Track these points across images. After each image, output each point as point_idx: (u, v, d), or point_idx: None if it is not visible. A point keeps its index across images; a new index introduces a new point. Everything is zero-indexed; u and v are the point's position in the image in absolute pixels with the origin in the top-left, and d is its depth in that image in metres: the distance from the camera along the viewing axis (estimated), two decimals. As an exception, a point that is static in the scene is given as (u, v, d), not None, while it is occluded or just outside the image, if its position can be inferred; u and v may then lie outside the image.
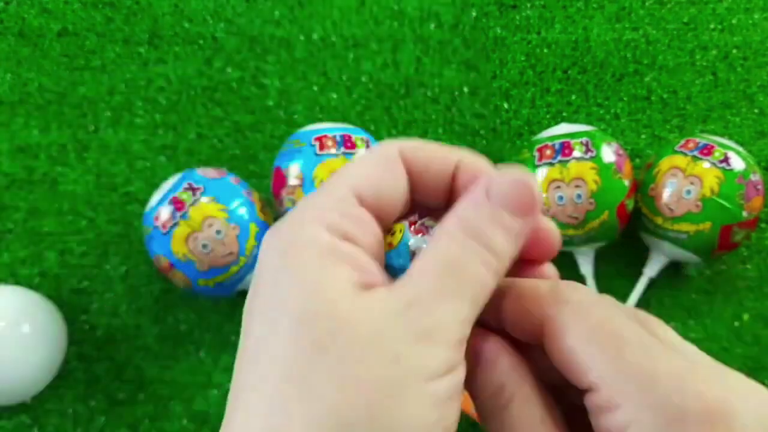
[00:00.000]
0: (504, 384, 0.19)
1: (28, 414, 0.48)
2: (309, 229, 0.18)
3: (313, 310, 0.17)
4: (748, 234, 0.47)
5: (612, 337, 0.17)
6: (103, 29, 0.58)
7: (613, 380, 0.16)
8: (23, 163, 0.54)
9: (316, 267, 0.17)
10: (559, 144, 0.46)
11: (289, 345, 0.17)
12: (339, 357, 0.16)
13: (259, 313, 0.18)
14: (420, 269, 0.18)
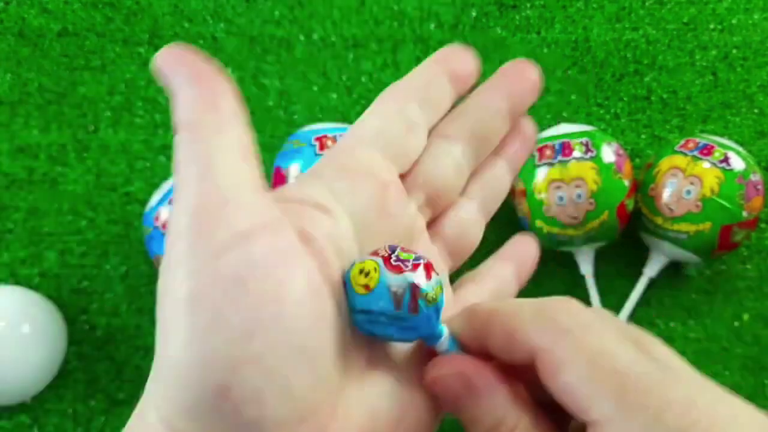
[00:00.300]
0: (504, 417, 0.18)
1: (28, 414, 0.48)
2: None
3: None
4: (748, 234, 0.47)
5: (611, 371, 0.16)
6: (103, 29, 0.58)
7: (617, 417, 0.16)
8: (23, 163, 0.54)
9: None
10: (559, 144, 0.46)
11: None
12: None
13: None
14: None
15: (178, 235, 0.17)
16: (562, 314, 0.18)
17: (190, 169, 0.17)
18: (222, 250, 0.16)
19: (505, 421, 0.17)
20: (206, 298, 0.16)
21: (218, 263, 0.16)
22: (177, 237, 0.17)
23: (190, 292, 0.16)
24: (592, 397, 0.16)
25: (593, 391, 0.16)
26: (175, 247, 0.17)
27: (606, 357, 0.16)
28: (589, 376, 0.16)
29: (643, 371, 0.16)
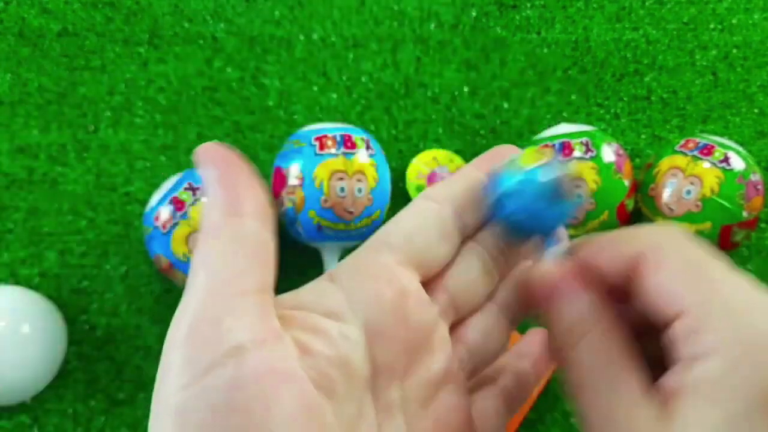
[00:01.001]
0: (578, 321, 0.19)
1: (27, 414, 0.48)
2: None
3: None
4: (749, 234, 0.47)
5: (709, 271, 0.18)
6: (103, 29, 0.58)
7: (705, 306, 0.17)
8: (23, 163, 0.54)
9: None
10: (559, 144, 0.46)
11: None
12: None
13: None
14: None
15: (174, 344, 0.17)
16: (672, 230, 0.19)
17: (200, 275, 0.18)
18: (213, 366, 0.16)
19: (578, 325, 0.19)
20: (193, 414, 0.16)
21: (208, 379, 0.16)
22: (174, 345, 0.17)
23: (178, 405, 0.16)
24: (681, 289, 0.17)
25: (683, 283, 0.17)
26: (171, 356, 0.17)
27: (699, 261, 0.18)
28: (683, 274, 0.18)
29: (731, 277, 0.17)
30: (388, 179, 0.48)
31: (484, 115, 0.56)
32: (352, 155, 0.46)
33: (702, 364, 0.16)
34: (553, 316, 0.20)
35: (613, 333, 0.19)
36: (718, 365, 0.16)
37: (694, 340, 0.17)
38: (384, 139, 0.55)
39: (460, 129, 0.56)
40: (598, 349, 0.19)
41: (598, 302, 0.19)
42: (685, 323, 0.17)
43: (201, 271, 0.18)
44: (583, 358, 0.19)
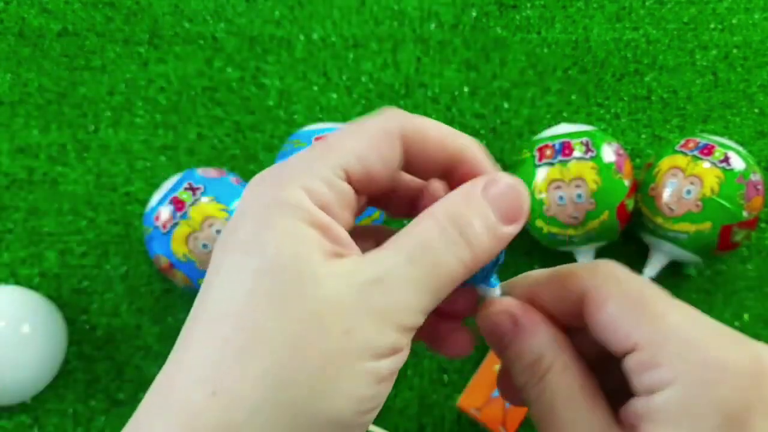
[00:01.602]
0: (543, 353, 0.20)
1: (28, 414, 0.48)
2: (292, 192, 0.18)
3: (282, 264, 0.17)
4: (749, 234, 0.47)
5: (652, 303, 0.18)
6: (103, 29, 0.58)
7: (656, 340, 0.17)
8: (23, 163, 0.54)
9: (291, 229, 0.18)
10: (559, 144, 0.46)
11: (252, 292, 0.17)
12: (297, 318, 0.17)
13: (232, 251, 0.18)
14: (396, 246, 0.18)
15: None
16: (610, 266, 0.20)
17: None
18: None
19: (544, 357, 0.20)
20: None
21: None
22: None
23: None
24: (634, 323, 0.18)
25: (635, 317, 0.18)
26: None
27: (647, 293, 0.19)
28: (631, 305, 0.18)
29: (681, 310, 0.18)
30: (388, 179, 0.48)
31: (484, 114, 0.56)
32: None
33: (660, 395, 0.17)
34: (514, 352, 0.20)
35: (575, 364, 0.20)
36: (676, 395, 0.17)
37: (649, 373, 0.17)
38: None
39: (461, 129, 0.55)
40: (563, 382, 0.19)
41: (558, 335, 0.20)
42: (639, 357, 0.18)
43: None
44: (549, 392, 0.19)
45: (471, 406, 0.45)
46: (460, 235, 0.18)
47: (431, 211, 0.19)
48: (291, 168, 0.19)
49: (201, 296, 0.18)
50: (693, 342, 0.17)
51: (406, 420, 0.48)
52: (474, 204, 0.19)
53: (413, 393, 0.49)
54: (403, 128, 0.20)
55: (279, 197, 0.18)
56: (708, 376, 0.16)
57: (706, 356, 0.17)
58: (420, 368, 0.49)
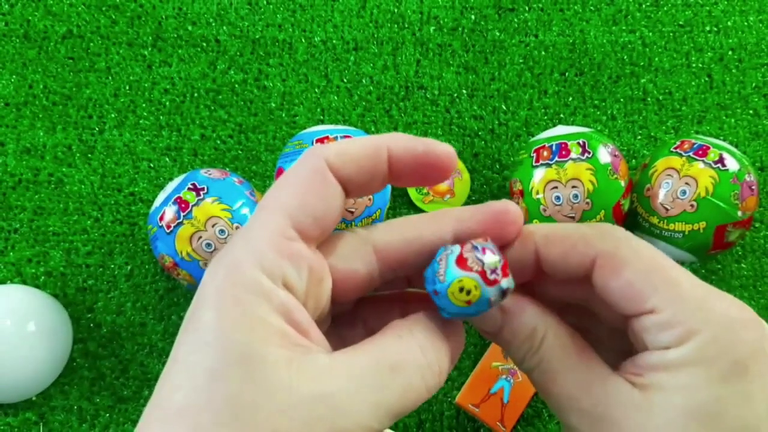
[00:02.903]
0: (535, 326, 0.20)
1: (33, 411, 0.48)
2: (248, 273, 0.18)
3: (238, 363, 0.16)
4: (743, 233, 0.48)
5: (665, 269, 0.19)
6: (108, 32, 0.58)
7: (673, 303, 0.19)
8: (29, 164, 0.54)
9: (247, 324, 0.17)
10: (556, 145, 0.47)
11: (207, 396, 0.16)
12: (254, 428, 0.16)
13: (190, 342, 0.17)
14: (363, 358, 0.18)
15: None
16: (620, 231, 0.20)
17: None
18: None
19: (535, 332, 0.20)
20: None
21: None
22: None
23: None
24: (652, 288, 0.19)
25: (651, 285, 0.19)
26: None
27: (661, 261, 0.19)
28: (648, 274, 0.19)
29: (693, 277, 0.19)
30: (388, 180, 0.49)
31: (482, 116, 0.57)
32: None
33: (677, 350, 0.18)
34: (509, 332, 0.21)
35: (565, 329, 0.21)
36: (691, 348, 0.18)
37: (668, 332, 0.19)
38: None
39: (459, 130, 0.56)
40: (560, 343, 0.20)
41: (545, 308, 0.21)
42: (656, 319, 0.19)
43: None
44: (548, 354, 0.20)
45: (469, 402, 0.46)
46: (431, 362, 0.19)
47: (411, 331, 0.19)
48: (239, 246, 0.18)
49: (160, 386, 0.17)
50: (706, 303, 0.18)
51: (405, 416, 0.49)
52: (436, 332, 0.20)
53: (413, 390, 0.49)
54: (327, 159, 0.19)
55: (237, 280, 0.17)
56: (720, 331, 0.18)
57: (719, 315, 0.18)
58: (419, 365, 0.50)
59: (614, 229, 0.21)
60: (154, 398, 0.17)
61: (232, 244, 0.19)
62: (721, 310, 0.19)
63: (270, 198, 0.19)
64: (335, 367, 0.17)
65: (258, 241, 0.18)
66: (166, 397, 0.17)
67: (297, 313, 0.18)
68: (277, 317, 0.17)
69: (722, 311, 0.19)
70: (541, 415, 0.49)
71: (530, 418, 0.48)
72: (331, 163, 0.19)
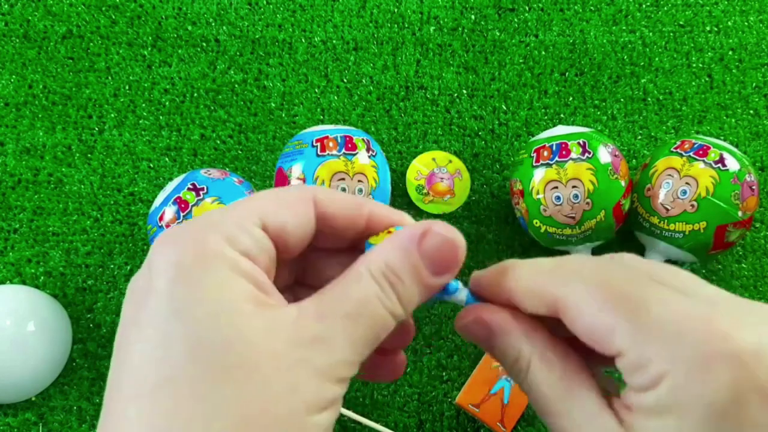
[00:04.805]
0: (520, 349, 0.20)
1: (33, 411, 0.48)
2: (212, 242, 0.18)
3: (217, 335, 0.17)
4: (743, 233, 0.47)
5: (627, 302, 0.18)
6: (108, 32, 0.58)
7: (637, 342, 0.17)
8: (29, 164, 0.54)
9: (217, 284, 0.17)
10: (556, 145, 0.47)
11: (188, 367, 0.16)
12: (242, 387, 0.16)
13: (149, 326, 0.17)
14: (333, 302, 0.18)
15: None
16: (574, 263, 0.20)
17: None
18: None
19: (521, 356, 0.20)
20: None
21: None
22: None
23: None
24: (612, 329, 0.18)
25: (611, 322, 0.18)
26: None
27: (620, 291, 0.18)
28: (605, 310, 0.18)
29: (657, 298, 0.18)
30: (388, 180, 0.49)
31: (482, 116, 0.57)
32: (353, 156, 0.47)
33: (651, 394, 0.17)
34: (498, 353, 0.21)
35: (554, 353, 0.20)
36: (665, 392, 0.17)
37: (639, 374, 0.17)
38: (384, 141, 0.56)
39: (459, 130, 0.56)
40: (546, 372, 0.20)
41: (531, 327, 0.21)
42: (625, 361, 0.18)
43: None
44: (534, 383, 0.20)
45: (469, 403, 0.46)
46: (393, 293, 0.19)
47: (368, 265, 0.19)
48: (202, 222, 0.19)
49: (116, 378, 0.17)
50: (678, 335, 0.17)
51: (406, 416, 0.48)
52: (408, 259, 0.19)
53: (412, 390, 0.49)
54: (315, 195, 0.20)
55: (201, 249, 0.18)
56: (692, 369, 0.16)
57: (692, 348, 0.16)
58: (419, 365, 0.50)
59: (572, 262, 0.20)
60: (117, 374, 0.17)
61: (196, 220, 0.19)
62: (694, 343, 0.17)
63: (248, 198, 0.20)
64: (306, 315, 0.18)
65: (223, 219, 0.19)
66: (136, 371, 0.17)
67: (260, 276, 0.18)
68: (245, 281, 0.18)
69: (695, 344, 0.16)
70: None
71: (531, 419, 0.48)
72: (317, 198, 0.20)
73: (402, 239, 0.19)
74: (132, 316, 0.18)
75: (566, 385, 0.19)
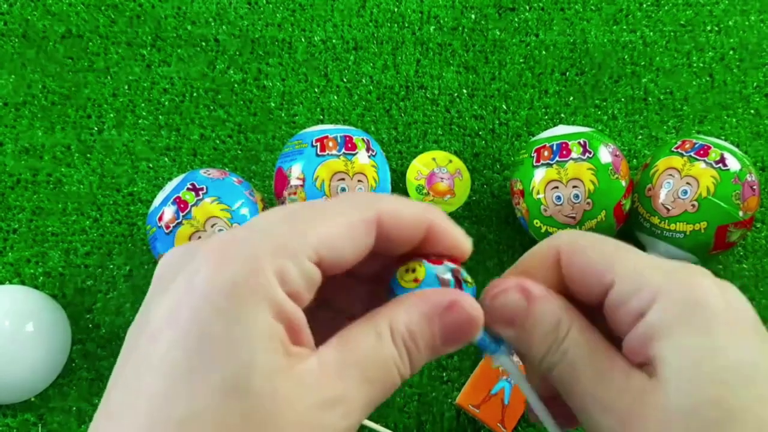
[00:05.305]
0: (560, 317, 0.21)
1: (32, 412, 0.48)
2: (264, 273, 0.17)
3: (246, 385, 0.16)
4: (744, 234, 0.47)
5: (617, 248, 0.21)
6: (107, 31, 0.58)
7: (629, 271, 0.20)
8: (28, 164, 0.54)
9: (257, 328, 0.17)
10: (556, 145, 0.47)
11: (217, 408, 0.16)
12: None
13: (174, 345, 0.17)
14: (351, 357, 0.18)
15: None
16: (574, 231, 0.22)
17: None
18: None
19: (561, 323, 0.21)
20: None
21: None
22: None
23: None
24: (605, 265, 0.20)
25: (605, 261, 0.20)
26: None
27: (614, 248, 0.21)
28: (602, 255, 0.21)
29: (634, 251, 0.21)
30: (388, 180, 0.49)
31: (482, 116, 0.57)
32: (353, 156, 0.47)
33: (652, 313, 0.19)
34: (532, 322, 0.21)
35: (590, 324, 0.21)
36: (666, 306, 0.19)
37: (634, 298, 0.19)
38: (384, 141, 0.56)
39: (459, 130, 0.56)
40: (584, 340, 0.20)
41: (568, 306, 0.21)
42: (619, 290, 0.20)
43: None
44: (573, 349, 0.20)
45: (470, 404, 0.46)
46: (408, 358, 0.19)
47: (389, 326, 0.19)
48: (263, 238, 0.18)
49: (134, 364, 0.17)
50: (661, 267, 0.20)
51: (406, 417, 0.48)
52: (429, 329, 0.19)
53: (413, 390, 0.49)
54: (380, 214, 0.20)
55: (251, 280, 0.17)
56: (679, 288, 0.19)
57: (676, 274, 0.19)
58: (420, 366, 0.50)
59: (570, 231, 0.22)
60: (133, 375, 0.17)
61: (248, 231, 0.18)
62: (674, 269, 0.20)
63: (310, 214, 0.19)
64: (327, 372, 0.18)
65: (282, 245, 0.18)
66: (161, 407, 0.16)
67: (298, 324, 0.18)
68: (282, 329, 0.17)
69: (675, 269, 0.20)
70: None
71: (530, 419, 0.48)
72: (381, 218, 0.20)
73: (428, 307, 0.19)
74: (158, 322, 0.17)
75: (603, 347, 0.20)
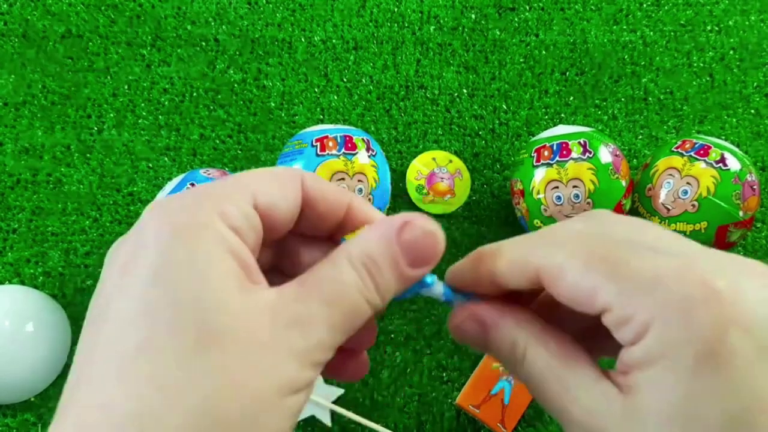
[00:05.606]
0: (514, 339, 0.20)
1: (32, 412, 0.48)
2: (204, 213, 0.18)
3: (202, 305, 0.17)
4: (744, 234, 0.47)
5: (606, 262, 0.18)
6: (107, 31, 0.58)
7: (620, 297, 0.18)
8: (28, 164, 0.54)
9: (208, 257, 0.18)
10: (557, 145, 0.47)
11: (172, 333, 0.17)
12: (222, 359, 0.17)
13: (134, 289, 0.17)
14: (313, 286, 0.19)
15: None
16: (551, 233, 0.20)
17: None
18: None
19: (517, 342, 0.20)
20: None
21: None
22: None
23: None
24: (594, 287, 0.18)
25: (593, 283, 0.18)
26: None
27: (599, 251, 0.19)
28: (588, 271, 0.18)
29: (635, 254, 0.18)
30: (388, 180, 0.49)
31: (482, 116, 0.57)
32: (353, 156, 0.47)
33: (640, 345, 0.18)
34: (494, 347, 0.21)
35: (548, 336, 0.20)
36: (653, 342, 0.17)
37: (625, 328, 0.18)
38: (384, 140, 0.56)
39: (459, 130, 0.56)
40: (543, 354, 0.20)
41: (523, 316, 0.21)
42: (611, 317, 0.18)
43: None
44: (532, 367, 0.20)
45: (470, 404, 0.46)
46: (372, 282, 0.19)
47: (348, 253, 0.19)
48: (200, 192, 0.19)
49: (95, 329, 0.17)
50: (658, 285, 0.17)
51: (406, 417, 0.48)
52: (388, 249, 0.20)
53: (413, 390, 0.49)
54: (303, 176, 0.21)
55: (193, 219, 0.18)
56: (674, 316, 0.17)
57: (673, 297, 0.17)
58: (419, 366, 0.49)
59: (554, 231, 0.20)
60: (100, 318, 0.17)
61: (193, 191, 0.19)
62: (674, 290, 0.17)
63: (240, 175, 0.20)
64: (286, 298, 0.18)
65: (219, 193, 0.19)
66: (118, 332, 0.17)
67: (247, 257, 0.19)
68: (232, 260, 0.18)
69: (674, 291, 0.17)
70: (542, 416, 0.48)
71: (531, 419, 0.48)
72: (304, 180, 0.21)
73: (382, 229, 0.20)
74: (116, 280, 0.18)
75: (563, 360, 0.20)
